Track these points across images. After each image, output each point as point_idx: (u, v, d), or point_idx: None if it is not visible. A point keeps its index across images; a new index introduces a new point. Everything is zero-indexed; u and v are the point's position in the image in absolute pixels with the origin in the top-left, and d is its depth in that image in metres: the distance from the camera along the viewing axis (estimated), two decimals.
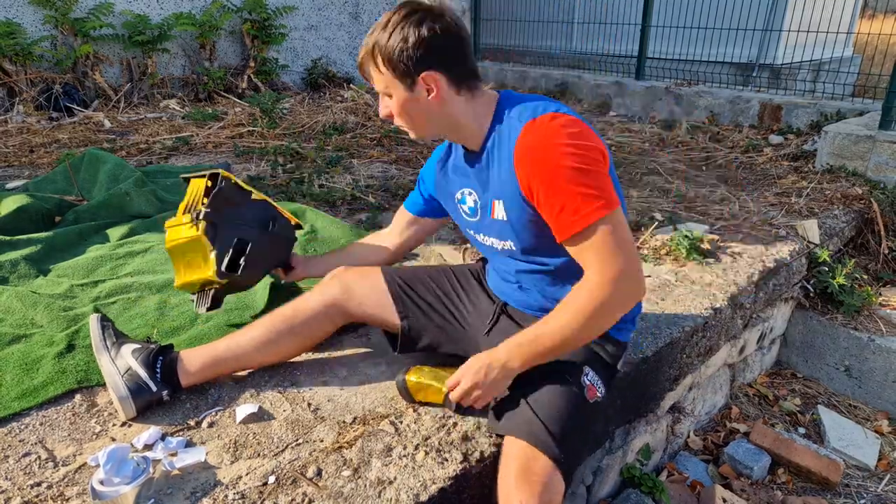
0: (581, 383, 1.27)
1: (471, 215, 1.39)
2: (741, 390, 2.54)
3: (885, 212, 2.94)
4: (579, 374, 1.28)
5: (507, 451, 1.18)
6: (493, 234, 1.34)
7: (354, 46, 6.23)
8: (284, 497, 1.17)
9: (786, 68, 5.31)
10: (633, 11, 5.60)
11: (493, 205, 1.29)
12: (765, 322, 2.50)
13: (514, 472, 1.13)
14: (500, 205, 1.27)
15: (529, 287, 1.39)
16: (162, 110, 4.74)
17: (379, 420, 1.40)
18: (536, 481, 1.10)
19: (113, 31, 4.79)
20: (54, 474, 1.22)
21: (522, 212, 1.23)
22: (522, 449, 1.15)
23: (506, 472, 1.15)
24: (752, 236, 2.57)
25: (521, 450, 1.15)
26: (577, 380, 1.27)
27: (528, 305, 1.41)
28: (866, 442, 2.30)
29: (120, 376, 1.36)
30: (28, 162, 3.41)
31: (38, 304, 1.80)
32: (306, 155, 3.60)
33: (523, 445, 1.15)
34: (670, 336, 1.83)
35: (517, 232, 1.28)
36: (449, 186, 1.43)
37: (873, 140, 3.25)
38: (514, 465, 1.14)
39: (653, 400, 1.94)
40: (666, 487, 1.86)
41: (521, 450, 1.15)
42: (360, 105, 4.93)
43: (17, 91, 4.41)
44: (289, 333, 1.49)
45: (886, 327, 2.56)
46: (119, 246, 2.29)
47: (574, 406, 1.23)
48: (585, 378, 1.28)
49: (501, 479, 1.15)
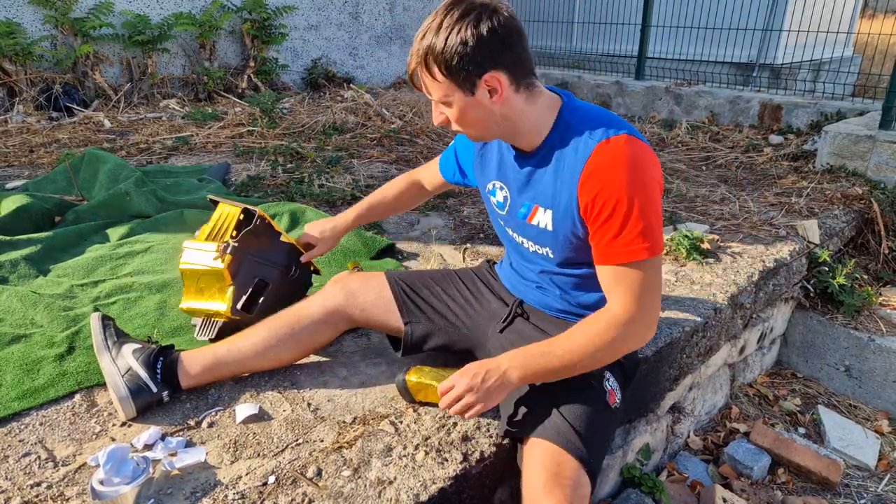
0: (604, 388, 1.27)
1: (499, 208, 1.37)
2: (741, 390, 2.54)
3: (885, 212, 2.94)
4: (602, 378, 1.28)
5: (533, 454, 1.15)
6: (530, 237, 1.32)
7: (354, 46, 6.23)
8: (284, 497, 1.17)
9: (786, 68, 5.31)
10: (633, 11, 5.61)
11: (535, 211, 1.26)
12: (765, 322, 2.50)
13: (542, 475, 1.10)
14: (547, 214, 1.24)
15: (549, 288, 1.37)
16: (162, 110, 4.74)
17: (379, 420, 1.40)
18: (567, 483, 1.08)
19: (113, 30, 4.79)
20: (54, 474, 1.22)
21: (572, 227, 1.21)
22: (550, 451, 1.13)
23: (532, 476, 1.12)
24: (752, 236, 2.57)
25: (549, 452, 1.13)
26: (600, 384, 1.26)
27: (546, 305, 1.40)
28: (866, 442, 2.30)
29: (120, 376, 1.36)
30: (28, 162, 3.41)
31: (39, 304, 1.80)
32: (306, 155, 3.60)
33: (550, 447, 1.13)
34: (670, 336, 1.83)
35: (560, 244, 1.25)
36: (484, 171, 1.40)
37: (873, 140, 3.25)
38: (541, 468, 1.11)
39: (653, 400, 1.94)
40: (666, 487, 1.86)
41: (549, 452, 1.13)
42: (360, 105, 4.93)
43: (17, 91, 4.41)
44: (290, 339, 1.48)
45: (886, 327, 2.56)
46: (119, 246, 2.29)
47: (598, 410, 1.23)
48: (608, 383, 1.28)
49: (527, 483, 1.12)
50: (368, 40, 6.32)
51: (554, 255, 1.29)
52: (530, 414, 1.23)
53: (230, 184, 3.13)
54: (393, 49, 6.52)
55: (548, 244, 1.28)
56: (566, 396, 1.22)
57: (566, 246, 1.25)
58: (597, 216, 1.14)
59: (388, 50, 6.49)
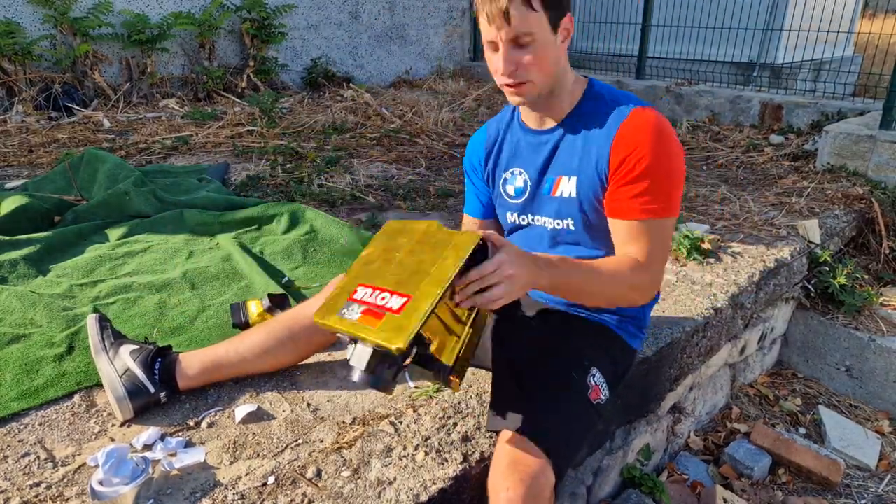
0: (586, 383, 1.26)
1: (515, 196, 1.37)
2: (742, 390, 2.54)
3: (885, 212, 2.93)
4: (586, 373, 1.27)
5: (499, 446, 1.16)
6: (549, 212, 1.33)
7: (354, 46, 6.22)
8: (284, 497, 1.17)
9: (786, 68, 5.30)
10: (633, 11, 5.60)
11: (558, 182, 1.29)
12: (765, 322, 2.50)
13: (502, 461, 1.10)
14: (571, 182, 1.27)
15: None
16: (161, 110, 4.74)
17: (379, 420, 1.39)
18: (525, 470, 1.08)
19: (112, 30, 4.78)
20: (54, 474, 1.21)
21: (594, 191, 1.25)
22: (514, 439, 1.13)
23: (495, 464, 1.12)
24: (753, 236, 2.57)
25: (513, 440, 1.13)
26: (582, 378, 1.26)
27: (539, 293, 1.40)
28: (867, 442, 2.30)
29: (118, 377, 1.35)
30: (27, 162, 3.40)
31: (38, 304, 1.80)
32: (306, 154, 3.60)
33: (515, 436, 1.13)
34: (671, 336, 1.83)
35: (584, 209, 1.28)
36: (497, 168, 1.41)
37: (874, 140, 3.24)
38: (502, 455, 1.12)
39: (653, 400, 1.94)
40: (666, 488, 1.86)
41: (513, 440, 1.13)
42: (359, 104, 4.92)
43: (17, 91, 4.41)
44: (289, 342, 1.47)
45: (887, 327, 2.56)
46: (118, 246, 2.29)
47: (574, 403, 1.22)
48: (592, 379, 1.27)
49: (491, 472, 1.13)
50: (368, 40, 6.31)
51: (576, 226, 1.31)
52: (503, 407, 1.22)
53: (230, 183, 3.13)
54: (393, 48, 6.51)
55: (570, 214, 1.30)
56: (543, 387, 1.22)
57: (589, 210, 1.28)
58: (625, 173, 1.19)
59: (388, 49, 6.48)
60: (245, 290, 1.97)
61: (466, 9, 6.96)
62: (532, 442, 1.11)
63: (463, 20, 7.01)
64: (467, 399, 1.46)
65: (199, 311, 1.84)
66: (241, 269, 2.11)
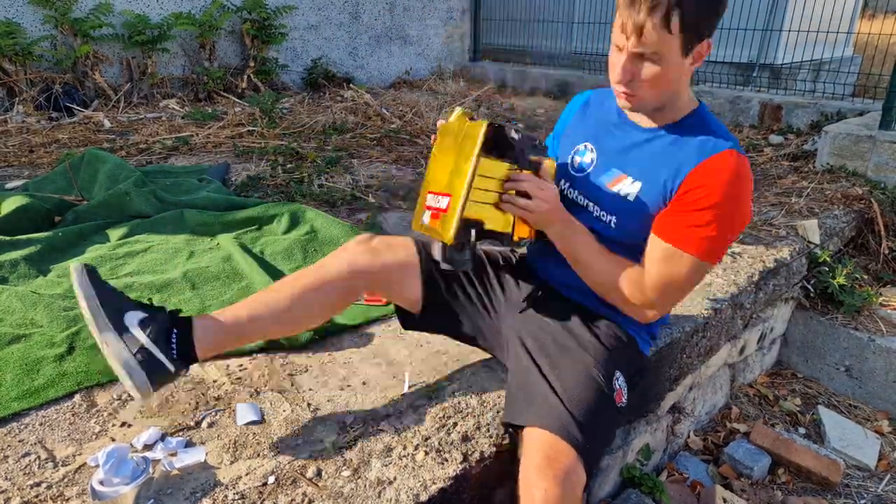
0: (612, 386, 1.27)
1: (580, 170, 1.36)
2: (741, 390, 2.54)
3: (885, 212, 2.94)
4: (611, 377, 1.28)
5: (530, 442, 1.15)
6: (599, 201, 1.32)
7: (354, 46, 6.22)
8: (284, 497, 1.17)
9: (786, 68, 5.30)
10: None
11: (620, 178, 1.28)
12: (765, 322, 2.50)
13: (535, 458, 1.10)
14: (634, 185, 1.26)
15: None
16: (162, 110, 4.74)
17: (379, 420, 1.40)
18: (560, 469, 1.08)
19: (113, 30, 4.78)
20: (54, 474, 1.22)
21: (653, 205, 1.24)
22: (547, 438, 1.13)
23: (528, 463, 1.12)
24: (753, 236, 2.57)
25: (546, 439, 1.13)
26: (609, 382, 1.26)
27: (565, 284, 1.40)
28: (866, 442, 2.30)
29: (132, 355, 1.17)
30: (28, 162, 3.40)
31: (39, 304, 1.80)
32: (306, 155, 3.60)
33: (548, 435, 1.13)
34: (670, 336, 1.83)
35: (631, 215, 1.27)
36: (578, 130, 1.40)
37: (874, 140, 3.25)
38: (535, 452, 1.11)
39: (653, 400, 1.94)
40: (666, 488, 1.86)
41: (546, 439, 1.13)
42: (359, 105, 4.93)
43: (17, 91, 4.41)
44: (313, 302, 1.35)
45: (887, 327, 2.56)
46: (119, 246, 2.29)
47: (603, 405, 1.23)
48: (616, 382, 1.28)
49: (522, 470, 1.12)
50: (368, 40, 6.31)
51: (616, 226, 1.30)
52: (531, 403, 1.22)
53: (230, 184, 3.13)
54: (393, 49, 6.51)
55: (617, 212, 1.29)
56: (572, 389, 1.22)
57: (636, 218, 1.27)
58: (692, 201, 1.18)
59: (388, 50, 6.48)
60: (245, 290, 1.98)
61: (466, 9, 6.97)
62: (567, 442, 1.12)
63: (463, 20, 7.01)
64: (467, 399, 1.47)
65: (199, 311, 1.85)
66: (241, 269, 2.11)
